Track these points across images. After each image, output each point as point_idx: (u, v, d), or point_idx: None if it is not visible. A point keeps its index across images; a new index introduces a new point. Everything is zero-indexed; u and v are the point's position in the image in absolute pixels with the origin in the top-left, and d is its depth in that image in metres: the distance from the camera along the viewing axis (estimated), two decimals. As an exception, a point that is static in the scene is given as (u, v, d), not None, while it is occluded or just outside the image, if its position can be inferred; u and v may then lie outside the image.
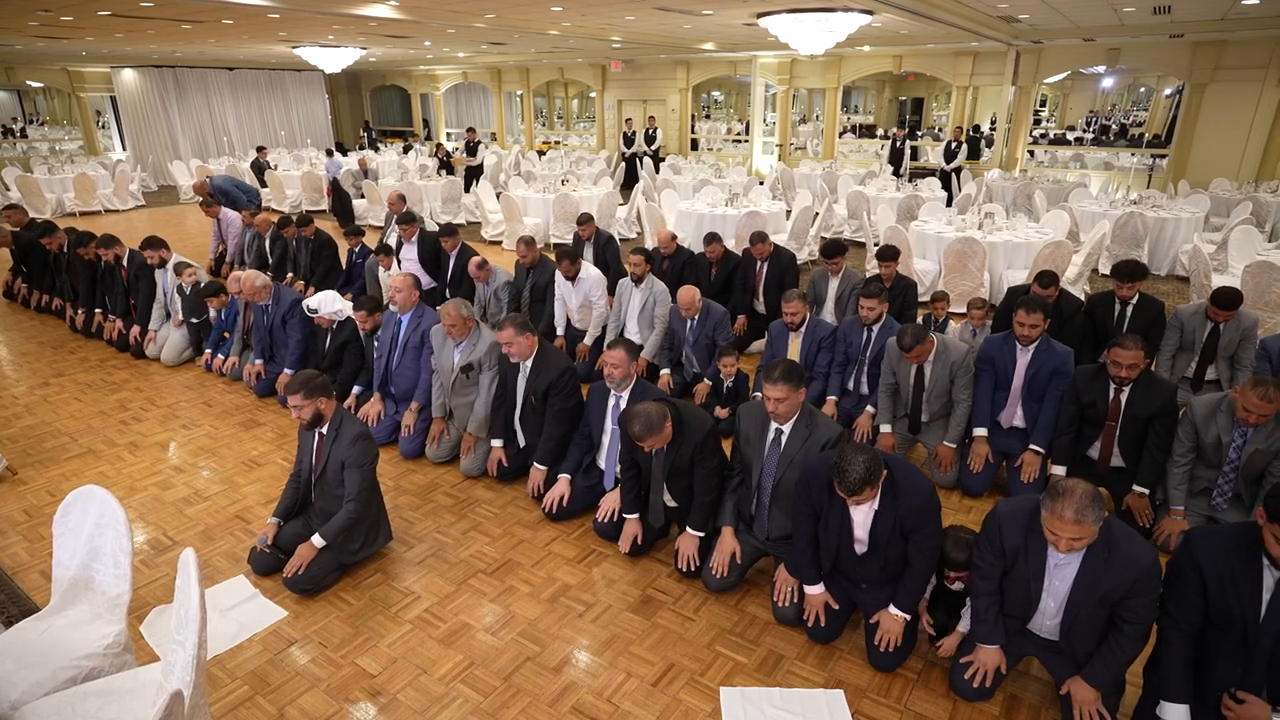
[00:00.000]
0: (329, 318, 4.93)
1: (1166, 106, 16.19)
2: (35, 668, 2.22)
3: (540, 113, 23.32)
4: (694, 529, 3.26)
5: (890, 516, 2.62)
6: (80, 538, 2.55)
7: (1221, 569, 2.17)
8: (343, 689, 2.74)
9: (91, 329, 6.59)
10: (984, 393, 3.90)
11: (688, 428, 3.14)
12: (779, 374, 2.90)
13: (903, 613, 2.70)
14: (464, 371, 4.19)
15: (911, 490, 2.60)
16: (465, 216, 12.24)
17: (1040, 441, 3.73)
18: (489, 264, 5.97)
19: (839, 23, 8.58)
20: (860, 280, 5.31)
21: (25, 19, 9.09)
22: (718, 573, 3.14)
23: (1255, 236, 7.35)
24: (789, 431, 3.03)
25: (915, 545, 2.64)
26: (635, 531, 3.41)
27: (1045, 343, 3.78)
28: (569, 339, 5.80)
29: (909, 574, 2.68)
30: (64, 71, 17.19)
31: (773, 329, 4.71)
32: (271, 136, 19.51)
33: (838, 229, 10.72)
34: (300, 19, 9.54)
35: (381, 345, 4.65)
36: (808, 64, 15.51)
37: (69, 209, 13.30)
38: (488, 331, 4.23)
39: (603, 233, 6.75)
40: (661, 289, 5.33)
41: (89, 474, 4.30)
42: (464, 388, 4.24)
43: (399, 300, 4.47)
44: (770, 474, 3.08)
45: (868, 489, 2.47)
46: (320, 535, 3.19)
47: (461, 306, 4.10)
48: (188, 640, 1.93)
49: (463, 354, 4.18)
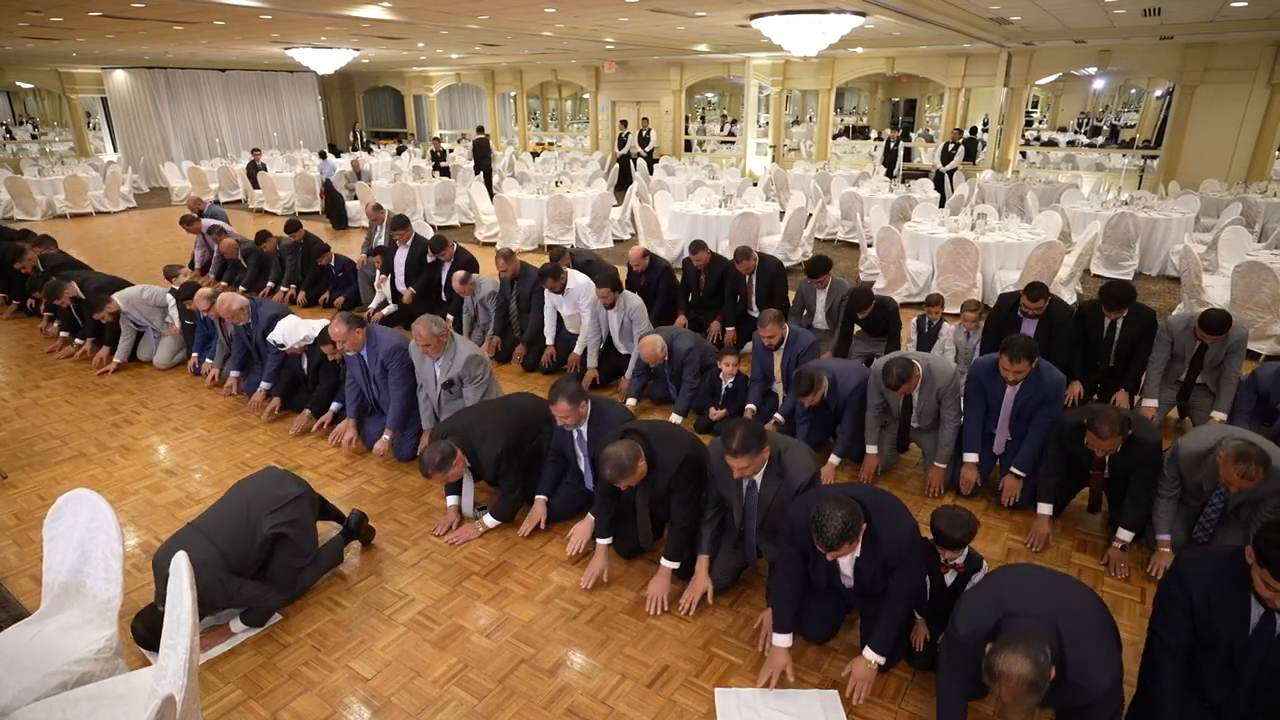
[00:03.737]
0: (298, 346, 4.77)
1: (1157, 108, 16.29)
2: (25, 673, 2.20)
3: (534, 114, 23.31)
4: (668, 559, 3.14)
5: (873, 561, 2.57)
6: (71, 542, 2.54)
7: (1210, 593, 2.16)
8: (336, 693, 2.73)
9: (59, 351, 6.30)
10: (974, 420, 3.85)
11: (660, 462, 3.06)
12: (737, 446, 2.73)
13: (877, 656, 2.59)
14: (446, 388, 4.15)
15: (893, 535, 2.52)
16: (459, 218, 12.22)
17: (1022, 465, 3.70)
18: (472, 277, 5.93)
19: (832, 24, 8.60)
20: (848, 290, 5.25)
21: (15, 19, 9.03)
22: (686, 611, 3.04)
23: (1245, 237, 7.40)
24: (761, 480, 2.95)
25: (895, 582, 2.56)
26: (601, 568, 3.28)
27: (1034, 373, 3.69)
28: (559, 347, 5.76)
29: (886, 611, 2.58)
30: (55, 73, 17.10)
31: (755, 343, 4.66)
32: (264, 138, 19.44)
33: (831, 230, 10.75)
34: (293, 20, 9.51)
35: (354, 376, 4.47)
36: (801, 65, 15.55)
37: (60, 211, 13.22)
38: (464, 345, 4.16)
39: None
40: (635, 305, 5.37)
41: (80, 477, 4.28)
42: (450, 402, 4.22)
43: (346, 347, 4.25)
44: (752, 515, 3.02)
45: (846, 545, 2.39)
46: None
47: (432, 325, 3.98)
48: (180, 644, 1.92)
49: (442, 370, 4.13)
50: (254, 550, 2.95)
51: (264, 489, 3.09)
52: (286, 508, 3.04)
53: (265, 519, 2.98)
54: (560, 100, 23.86)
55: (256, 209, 14.06)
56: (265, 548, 3.00)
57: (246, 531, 2.94)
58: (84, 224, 12.66)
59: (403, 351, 4.27)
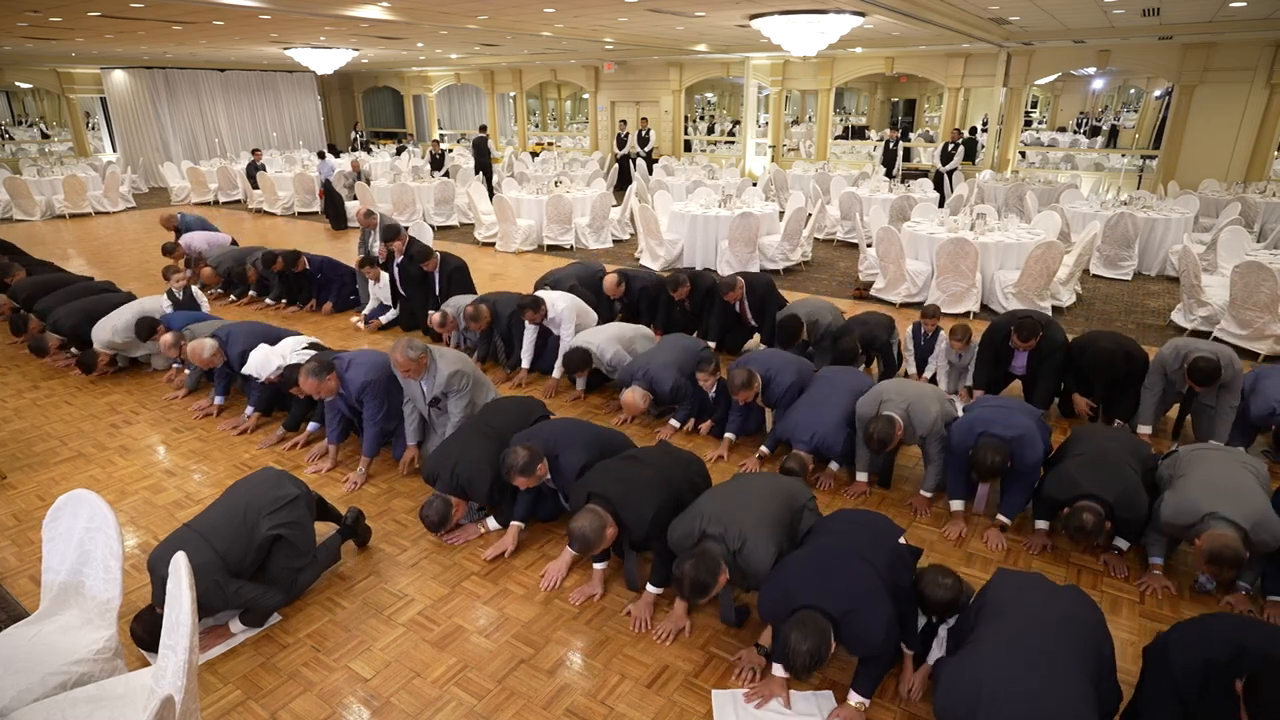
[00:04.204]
0: (273, 378, 4.64)
1: (1156, 108, 16.29)
2: (24, 674, 2.21)
3: (533, 114, 23.30)
4: (654, 585, 3.11)
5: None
6: (70, 542, 2.54)
7: (1198, 684, 2.14)
8: (335, 693, 2.73)
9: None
10: (958, 475, 3.75)
11: (628, 523, 3.02)
12: (689, 594, 2.71)
13: (863, 698, 2.55)
14: (434, 405, 4.14)
15: (865, 642, 2.47)
16: (458, 218, 12.23)
17: (1008, 513, 3.65)
18: (449, 316, 5.81)
19: (831, 24, 8.61)
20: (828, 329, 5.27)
21: (14, 19, 9.03)
22: (662, 640, 2.98)
23: (1244, 237, 7.41)
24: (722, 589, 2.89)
25: (864, 664, 2.58)
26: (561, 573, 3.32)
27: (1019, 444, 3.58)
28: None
29: (868, 665, 2.57)
30: (53, 73, 17.09)
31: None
32: (263, 138, 19.43)
33: (830, 230, 10.76)
34: (292, 20, 9.51)
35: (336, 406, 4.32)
36: (800, 65, 15.55)
37: (59, 211, 13.22)
38: (444, 362, 4.08)
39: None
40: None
41: (79, 478, 4.28)
42: (439, 417, 4.21)
43: (321, 395, 4.14)
44: (726, 606, 3.03)
45: (816, 671, 2.44)
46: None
47: (408, 350, 3.89)
48: (179, 645, 1.92)
49: (428, 388, 4.09)
50: (252, 552, 2.95)
51: (262, 490, 3.09)
52: (284, 509, 3.04)
53: (263, 520, 2.98)
54: (559, 100, 23.86)
55: (256, 209, 14.06)
56: (263, 549, 3.00)
57: (244, 533, 2.94)
58: (83, 224, 12.66)
59: (374, 385, 4.11)
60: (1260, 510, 2.94)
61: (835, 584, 2.49)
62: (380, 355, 4.24)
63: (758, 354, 4.65)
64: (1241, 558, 2.83)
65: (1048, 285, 6.97)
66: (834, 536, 2.80)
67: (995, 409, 3.74)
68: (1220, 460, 3.29)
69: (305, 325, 7.00)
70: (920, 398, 3.81)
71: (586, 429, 3.71)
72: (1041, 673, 2.08)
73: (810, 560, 2.62)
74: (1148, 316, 7.16)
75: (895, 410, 3.74)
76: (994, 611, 2.38)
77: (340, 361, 4.17)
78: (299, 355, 4.64)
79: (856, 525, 2.87)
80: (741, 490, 3.07)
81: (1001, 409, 3.73)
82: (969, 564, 3.45)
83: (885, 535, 2.83)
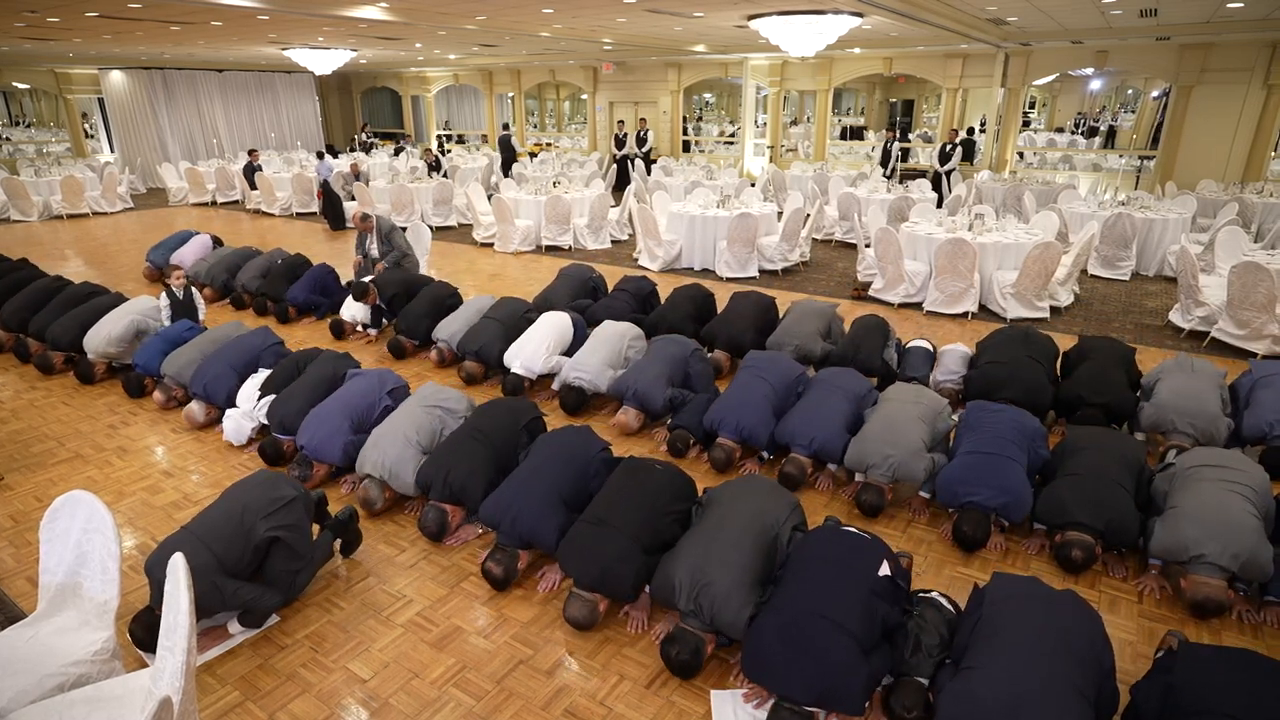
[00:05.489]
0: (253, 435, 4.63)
1: (1154, 109, 16.32)
2: (22, 675, 2.20)
3: (531, 114, 23.29)
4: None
5: None
6: (68, 543, 2.53)
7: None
8: (334, 694, 2.73)
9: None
10: None
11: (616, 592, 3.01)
12: (677, 675, 2.77)
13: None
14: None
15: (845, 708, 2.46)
16: (457, 219, 12.22)
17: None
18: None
19: (829, 25, 8.62)
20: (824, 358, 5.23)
21: (11, 20, 9.01)
22: (657, 638, 2.96)
23: (1241, 237, 7.42)
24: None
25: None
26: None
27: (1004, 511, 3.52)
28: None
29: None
30: (51, 73, 17.06)
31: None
32: (261, 139, 19.41)
33: (829, 230, 10.76)
34: (290, 20, 9.50)
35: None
36: (798, 66, 15.56)
37: (56, 211, 13.19)
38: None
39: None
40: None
41: (76, 479, 4.27)
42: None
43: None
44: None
45: None
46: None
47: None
48: (177, 646, 1.92)
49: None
50: (249, 554, 2.95)
51: (259, 492, 3.08)
52: (281, 511, 3.03)
53: (260, 522, 2.97)
54: (558, 101, 23.85)
55: (254, 209, 14.04)
56: (261, 551, 2.99)
57: (241, 535, 2.94)
58: (81, 225, 12.63)
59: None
60: (1249, 548, 2.95)
61: (807, 670, 2.43)
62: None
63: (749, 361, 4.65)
64: (1225, 607, 3.01)
65: (1046, 285, 6.98)
66: (807, 592, 2.63)
67: (985, 456, 3.59)
68: (1213, 490, 3.19)
69: (306, 330, 7.00)
70: (908, 453, 3.71)
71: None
72: (1039, 697, 2.15)
73: (783, 633, 2.53)
74: (1145, 316, 7.17)
75: (880, 475, 3.74)
76: (991, 630, 2.40)
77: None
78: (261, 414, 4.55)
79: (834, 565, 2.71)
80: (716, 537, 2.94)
81: (991, 458, 3.57)
82: (967, 564, 3.45)
83: (866, 571, 2.66)
